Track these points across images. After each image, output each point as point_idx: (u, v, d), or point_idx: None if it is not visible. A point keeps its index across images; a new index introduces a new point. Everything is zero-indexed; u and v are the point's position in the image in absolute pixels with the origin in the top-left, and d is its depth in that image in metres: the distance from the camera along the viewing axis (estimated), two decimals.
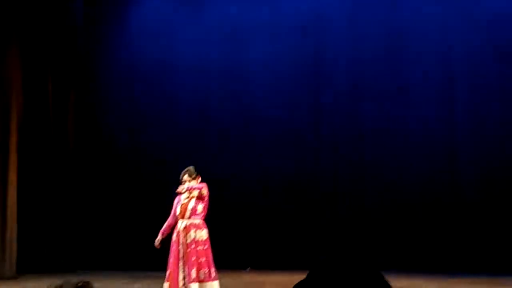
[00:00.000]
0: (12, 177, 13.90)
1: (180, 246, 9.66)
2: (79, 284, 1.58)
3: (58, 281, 1.75)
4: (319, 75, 14.38)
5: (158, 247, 9.98)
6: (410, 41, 14.00)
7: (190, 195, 9.82)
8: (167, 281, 9.74)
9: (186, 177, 9.77)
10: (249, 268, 13.68)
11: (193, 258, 9.65)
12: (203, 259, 9.71)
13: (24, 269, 13.96)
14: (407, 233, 13.64)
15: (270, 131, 14.32)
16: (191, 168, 9.90)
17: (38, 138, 14.80)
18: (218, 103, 14.70)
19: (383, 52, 14.07)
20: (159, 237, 9.93)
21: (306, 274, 1.48)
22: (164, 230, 9.94)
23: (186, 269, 9.62)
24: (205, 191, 9.76)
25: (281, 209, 14.16)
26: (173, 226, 9.87)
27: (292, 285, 1.52)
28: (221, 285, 10.10)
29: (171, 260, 9.72)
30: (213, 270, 9.80)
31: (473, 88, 13.64)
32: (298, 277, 1.61)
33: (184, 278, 9.61)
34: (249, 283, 12.00)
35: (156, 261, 11.71)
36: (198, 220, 9.82)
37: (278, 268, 13.22)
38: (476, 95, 13.62)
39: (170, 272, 9.71)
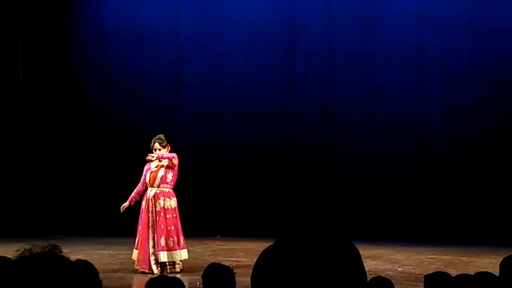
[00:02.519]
0: None
1: (150, 214, 9.68)
2: (48, 248, 1.57)
3: (26, 245, 1.74)
4: (292, 43, 14.35)
5: (122, 212, 10.00)
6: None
7: (160, 164, 9.83)
8: (136, 248, 9.77)
9: (156, 145, 9.77)
10: (218, 236, 13.73)
11: (162, 227, 9.68)
12: (171, 228, 9.74)
13: None
14: (376, 202, 13.73)
15: (239, 99, 14.29)
16: (162, 136, 9.89)
17: (7, 102, 14.64)
18: (190, 71, 14.63)
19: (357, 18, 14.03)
20: (126, 203, 9.95)
21: (274, 240, 1.49)
22: (133, 197, 9.96)
23: (155, 238, 9.66)
24: (175, 161, 9.78)
25: (251, 176, 14.19)
26: (142, 194, 9.88)
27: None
28: (190, 253, 10.15)
29: (141, 227, 9.75)
30: (181, 238, 9.84)
31: (445, 54, 13.67)
32: (268, 244, 1.62)
33: (153, 247, 9.66)
34: (219, 250, 12.04)
35: (127, 227, 11.71)
36: (167, 189, 9.83)
37: (248, 236, 13.27)
38: (448, 63, 13.68)
39: (139, 239, 9.74)
